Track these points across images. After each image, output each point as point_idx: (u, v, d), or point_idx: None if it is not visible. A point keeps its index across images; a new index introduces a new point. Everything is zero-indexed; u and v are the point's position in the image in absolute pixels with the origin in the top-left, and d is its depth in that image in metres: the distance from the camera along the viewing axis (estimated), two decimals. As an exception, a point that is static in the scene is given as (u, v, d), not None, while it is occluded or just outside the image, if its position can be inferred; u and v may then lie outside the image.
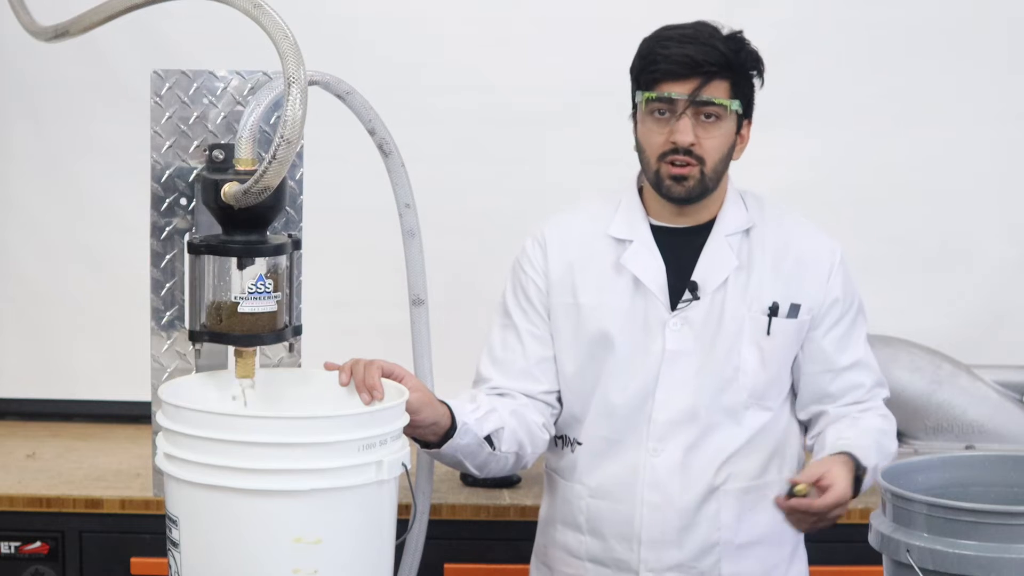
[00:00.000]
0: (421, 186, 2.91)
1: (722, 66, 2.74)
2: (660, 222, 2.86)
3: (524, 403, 2.86)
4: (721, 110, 2.76)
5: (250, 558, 2.40)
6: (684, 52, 2.73)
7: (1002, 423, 3.80)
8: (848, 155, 4.10)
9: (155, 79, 3.05)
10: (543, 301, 2.89)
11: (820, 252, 2.88)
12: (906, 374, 3.82)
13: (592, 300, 2.85)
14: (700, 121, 2.76)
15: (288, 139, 2.41)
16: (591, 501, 2.87)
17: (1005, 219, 4.13)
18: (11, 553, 3.47)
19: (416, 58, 4.05)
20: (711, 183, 2.79)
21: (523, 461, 2.87)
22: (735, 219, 2.85)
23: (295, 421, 2.44)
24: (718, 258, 2.82)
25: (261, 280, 2.59)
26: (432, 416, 2.68)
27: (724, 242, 2.83)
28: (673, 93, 2.74)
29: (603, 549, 2.86)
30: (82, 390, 4.17)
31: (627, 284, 2.83)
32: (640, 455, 2.83)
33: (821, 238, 2.90)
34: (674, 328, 2.81)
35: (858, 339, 2.90)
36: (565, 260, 2.88)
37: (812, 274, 2.86)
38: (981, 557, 2.18)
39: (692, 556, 2.82)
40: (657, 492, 2.82)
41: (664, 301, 2.82)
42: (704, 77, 2.73)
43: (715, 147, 2.77)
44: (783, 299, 2.82)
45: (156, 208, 3.04)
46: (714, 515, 2.82)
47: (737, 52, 2.78)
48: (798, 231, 2.89)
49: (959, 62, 4.07)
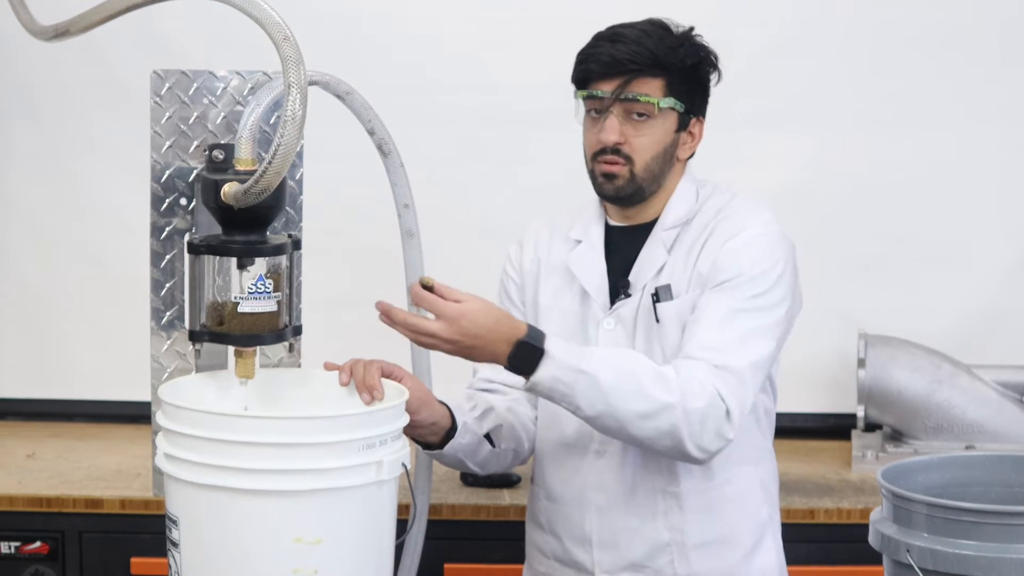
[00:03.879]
0: (420, 186, 2.91)
1: (649, 64, 2.73)
2: (616, 222, 2.87)
3: (516, 397, 2.88)
4: (650, 107, 2.74)
5: (250, 558, 2.40)
6: (611, 52, 2.74)
7: (1002, 423, 3.80)
8: (847, 155, 4.09)
9: (155, 79, 3.05)
10: (521, 297, 2.92)
11: (728, 225, 2.76)
12: (906, 374, 3.82)
13: (547, 301, 2.87)
14: (631, 120, 2.75)
15: (288, 139, 2.41)
16: (547, 503, 2.89)
17: (1005, 219, 4.13)
18: (11, 553, 3.47)
19: (416, 58, 4.05)
20: (643, 182, 2.77)
21: (521, 457, 2.89)
22: (677, 214, 2.81)
23: (295, 421, 2.44)
24: (649, 255, 2.81)
25: (261, 280, 2.59)
26: (432, 416, 2.68)
27: (659, 239, 2.81)
28: (599, 91, 2.75)
29: (562, 550, 2.87)
30: (82, 390, 4.17)
31: (577, 286, 2.85)
32: (586, 457, 2.82)
33: (741, 213, 2.77)
34: (607, 327, 2.81)
35: (728, 300, 2.69)
36: (535, 258, 2.92)
37: (711, 246, 2.75)
38: (981, 557, 2.18)
39: (644, 556, 2.81)
40: (603, 494, 2.81)
41: (601, 301, 2.82)
42: (629, 75, 2.73)
43: (644, 145, 2.76)
44: (679, 281, 2.76)
45: (156, 208, 3.04)
46: (664, 515, 2.80)
47: (674, 49, 2.75)
48: (727, 213, 2.78)
49: (958, 63, 4.07)
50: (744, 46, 3.92)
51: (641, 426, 2.61)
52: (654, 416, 2.60)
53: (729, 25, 3.81)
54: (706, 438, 2.63)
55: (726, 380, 2.64)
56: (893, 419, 3.87)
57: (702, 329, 2.69)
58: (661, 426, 2.61)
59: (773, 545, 2.89)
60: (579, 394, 2.59)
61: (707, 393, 2.62)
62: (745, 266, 2.72)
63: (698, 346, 2.67)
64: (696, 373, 2.63)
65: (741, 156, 3.91)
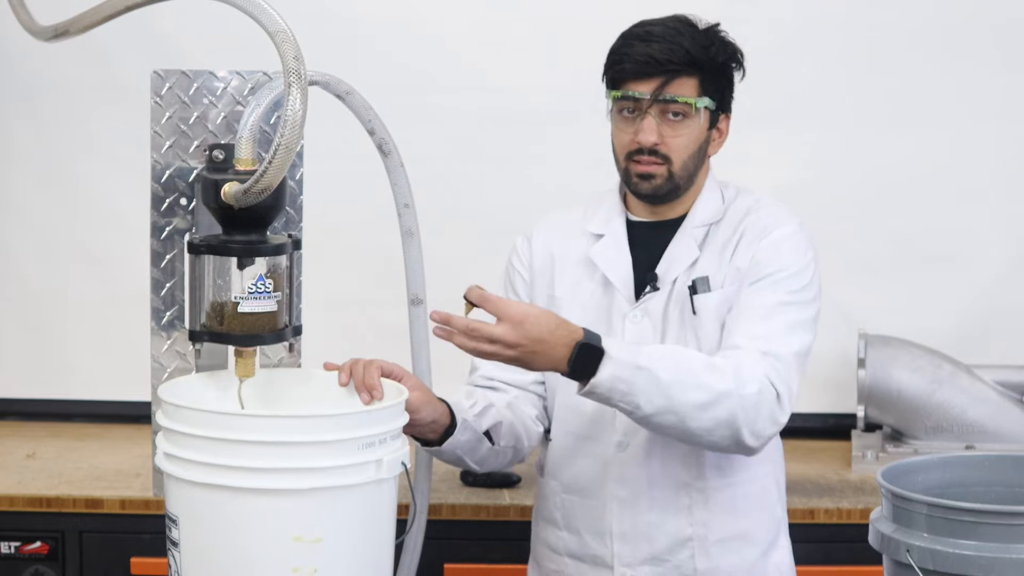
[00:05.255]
0: (420, 186, 2.91)
1: (686, 64, 2.74)
2: (637, 217, 2.87)
3: (517, 395, 2.88)
4: (687, 108, 2.75)
5: (250, 557, 2.40)
6: (647, 51, 2.73)
7: (1002, 423, 3.80)
8: (847, 155, 4.10)
9: (155, 79, 3.05)
10: (528, 293, 2.91)
11: (761, 223, 2.80)
12: (906, 374, 3.82)
13: (565, 294, 2.87)
14: (667, 119, 2.75)
15: (288, 139, 2.41)
16: (565, 497, 2.88)
17: (1005, 219, 4.13)
18: (11, 553, 3.47)
19: (416, 58, 4.05)
20: (680, 180, 2.79)
21: (520, 455, 2.88)
22: (706, 212, 2.83)
23: (295, 420, 2.44)
24: (680, 250, 2.81)
25: (261, 280, 2.59)
26: (431, 414, 2.68)
27: (690, 235, 2.82)
28: (636, 92, 2.74)
29: (579, 544, 2.87)
30: (82, 390, 4.17)
31: (598, 278, 2.85)
32: (608, 450, 2.82)
33: (772, 212, 2.82)
34: (633, 320, 2.81)
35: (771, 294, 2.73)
36: (547, 252, 2.91)
37: (746, 243, 2.79)
38: (981, 557, 2.18)
39: (665, 550, 2.81)
40: (626, 487, 2.82)
41: (627, 294, 2.82)
42: (667, 76, 2.73)
43: (682, 145, 2.77)
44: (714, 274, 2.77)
45: (156, 208, 3.04)
46: (686, 510, 2.81)
47: (707, 48, 2.76)
48: (759, 211, 2.82)
49: (958, 62, 4.07)
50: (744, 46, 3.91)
51: (700, 417, 2.60)
52: (712, 405, 2.60)
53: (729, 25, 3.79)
54: (760, 424, 2.64)
55: (774, 366, 2.66)
56: (893, 419, 3.87)
57: (746, 321, 2.71)
58: (720, 415, 2.60)
59: (786, 544, 2.93)
60: (639, 391, 2.57)
61: (757, 379, 2.63)
62: (786, 261, 2.76)
63: (743, 335, 2.69)
64: (746, 360, 2.65)
65: (741, 156, 3.88)
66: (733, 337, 2.71)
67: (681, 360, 2.63)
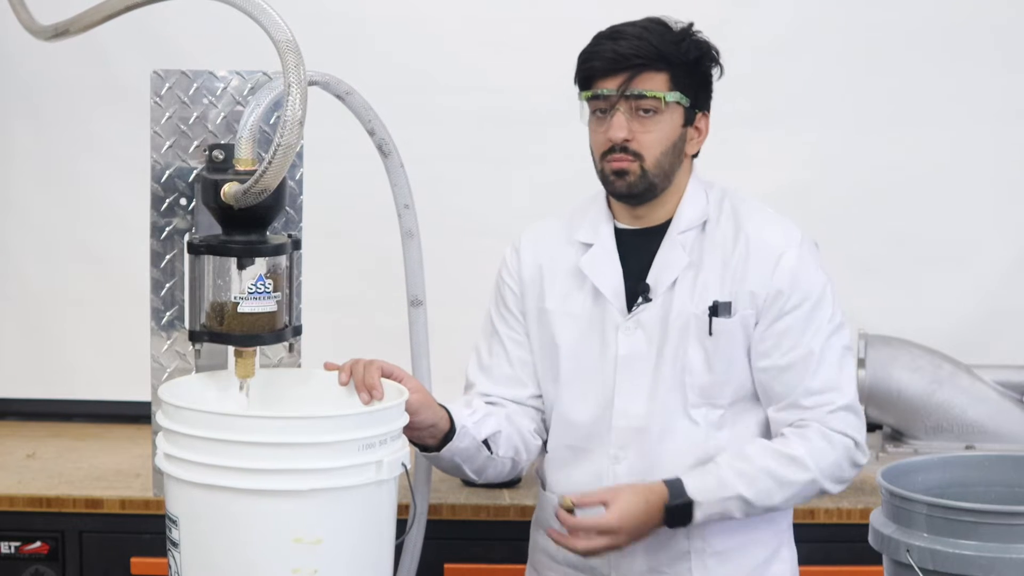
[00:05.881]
0: (420, 186, 2.91)
1: (654, 59, 2.72)
2: (624, 224, 2.84)
3: (515, 410, 2.85)
4: (656, 103, 2.72)
5: (250, 558, 2.40)
6: (613, 48, 2.72)
7: (1002, 423, 3.80)
8: (847, 155, 4.10)
9: (155, 79, 3.05)
10: (519, 306, 2.88)
11: (769, 241, 2.77)
12: (906, 374, 3.82)
13: (556, 306, 2.84)
14: (637, 116, 2.73)
15: (288, 139, 2.41)
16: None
17: (1005, 219, 4.13)
18: (11, 553, 3.47)
19: (416, 58, 4.05)
20: (655, 178, 2.75)
21: (519, 467, 2.86)
22: (690, 215, 2.80)
23: (295, 421, 2.44)
24: (670, 258, 2.78)
25: (261, 280, 2.59)
26: (431, 418, 2.67)
27: (677, 241, 2.79)
28: (605, 90, 2.73)
29: (578, 555, 2.83)
30: (82, 390, 4.17)
31: (589, 289, 2.82)
32: (603, 463, 2.81)
33: (773, 227, 2.79)
34: (627, 332, 2.79)
35: (812, 335, 2.76)
36: (536, 264, 2.87)
37: (757, 265, 2.76)
38: (981, 557, 2.18)
39: (663, 563, 2.80)
40: None
41: (619, 305, 2.79)
42: (633, 70, 2.71)
43: (653, 141, 2.74)
44: (728, 295, 2.76)
45: (156, 208, 3.04)
46: None
47: (677, 44, 2.74)
48: (753, 220, 2.80)
49: (958, 62, 4.07)
50: (744, 46, 3.91)
51: (789, 503, 2.79)
52: (799, 495, 2.77)
53: (730, 25, 3.81)
54: (844, 475, 2.79)
55: (845, 420, 2.77)
56: (893, 419, 3.86)
57: (798, 375, 2.75)
58: (808, 494, 2.78)
59: (788, 556, 2.91)
60: (732, 511, 2.73)
61: (834, 443, 2.75)
62: (809, 287, 2.77)
63: (804, 394, 2.76)
64: (816, 435, 2.75)
65: (741, 156, 3.91)
66: (794, 396, 2.76)
67: (757, 465, 2.73)
